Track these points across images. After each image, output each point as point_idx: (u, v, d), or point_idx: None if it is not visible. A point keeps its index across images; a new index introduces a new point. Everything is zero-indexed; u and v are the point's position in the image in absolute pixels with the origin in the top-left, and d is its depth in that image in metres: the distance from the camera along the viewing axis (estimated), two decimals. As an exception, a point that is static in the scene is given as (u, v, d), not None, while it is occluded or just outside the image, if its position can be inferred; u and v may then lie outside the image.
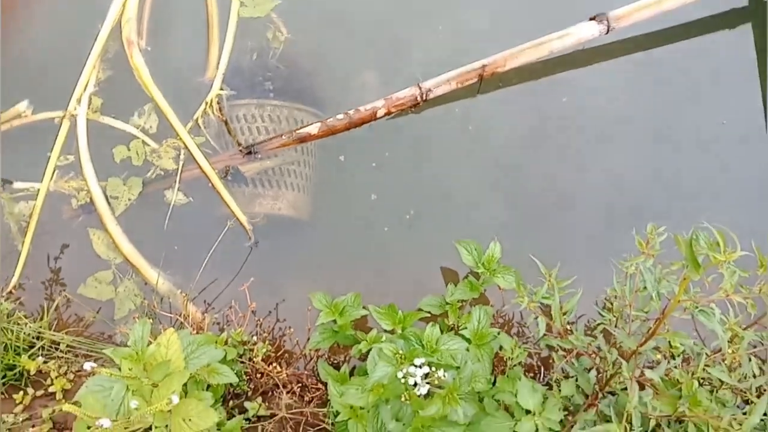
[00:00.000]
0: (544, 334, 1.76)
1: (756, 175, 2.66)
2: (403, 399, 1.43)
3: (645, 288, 1.55)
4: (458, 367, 1.51)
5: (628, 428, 1.36)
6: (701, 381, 1.68)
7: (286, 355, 2.42)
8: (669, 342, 1.64)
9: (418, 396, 1.40)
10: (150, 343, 1.76)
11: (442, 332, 1.75)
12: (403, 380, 1.41)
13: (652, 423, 1.51)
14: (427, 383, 1.39)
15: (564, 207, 2.62)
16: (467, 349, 1.63)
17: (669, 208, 2.58)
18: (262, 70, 2.79)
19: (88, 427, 1.48)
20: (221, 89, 2.71)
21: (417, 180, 2.68)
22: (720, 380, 1.64)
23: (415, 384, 1.39)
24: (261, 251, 2.59)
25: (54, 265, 2.49)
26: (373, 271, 2.62)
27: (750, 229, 1.62)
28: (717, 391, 1.58)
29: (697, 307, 1.27)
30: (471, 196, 2.66)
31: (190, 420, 1.61)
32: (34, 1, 2.83)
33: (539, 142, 2.72)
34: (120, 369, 1.67)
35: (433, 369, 1.41)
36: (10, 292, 2.43)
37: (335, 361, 2.35)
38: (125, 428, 1.58)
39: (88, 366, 1.54)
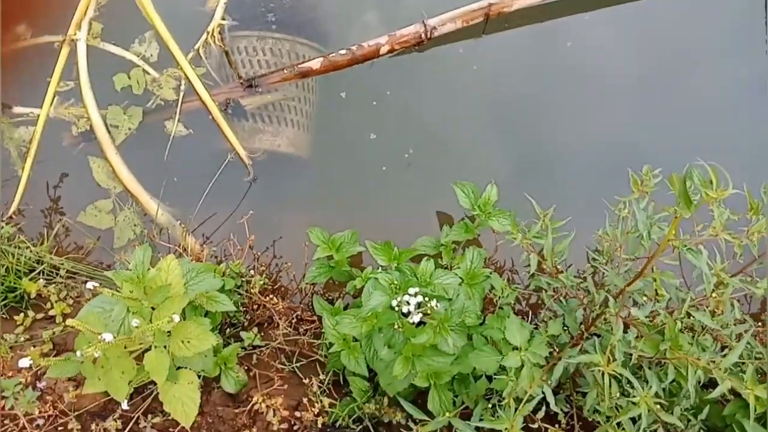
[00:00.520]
0: (535, 273, 1.80)
1: (755, 134, 2.64)
2: (396, 326, 1.47)
3: (636, 230, 1.58)
4: (450, 299, 1.55)
5: (610, 359, 1.42)
6: (683, 328, 1.73)
7: (282, 289, 2.47)
8: (656, 291, 1.68)
9: (411, 324, 1.45)
10: (150, 269, 1.80)
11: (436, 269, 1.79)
12: (397, 308, 1.45)
13: (634, 361, 1.56)
14: (420, 312, 1.43)
15: (563, 155, 2.62)
16: (460, 285, 1.68)
17: (667, 161, 2.57)
18: (265, 1, 2.74)
19: (89, 343, 1.53)
20: (223, 19, 2.66)
21: (417, 120, 2.67)
22: (702, 326, 1.68)
23: (408, 312, 1.43)
24: (260, 187, 2.60)
25: (54, 191, 2.50)
26: (370, 211, 2.64)
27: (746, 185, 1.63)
28: (699, 336, 1.62)
29: (686, 246, 1.30)
30: (471, 138, 2.66)
31: (189, 342, 1.66)
32: None
33: (542, 86, 2.70)
34: (120, 292, 1.71)
35: (426, 299, 1.45)
36: (11, 217, 2.45)
37: (329, 298, 2.40)
38: (125, 347, 1.63)
39: (90, 285, 1.58)
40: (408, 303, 1.44)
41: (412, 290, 1.46)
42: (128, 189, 2.50)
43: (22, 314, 2.11)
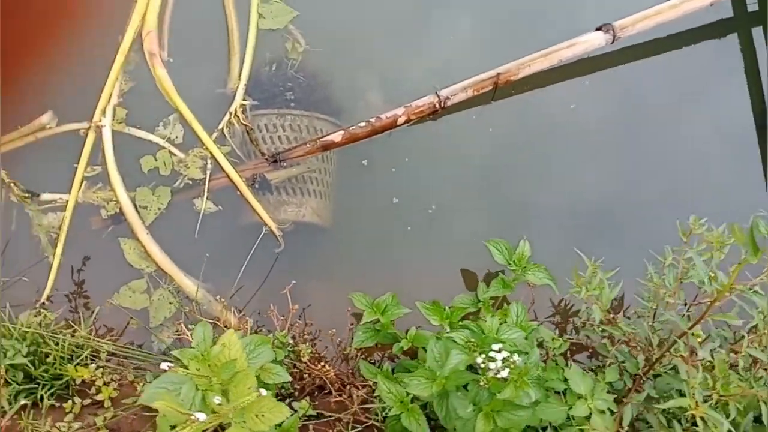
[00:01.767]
0: (586, 323, 1.89)
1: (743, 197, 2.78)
2: (481, 383, 1.52)
3: (687, 277, 1.68)
4: (526, 353, 1.61)
5: (694, 404, 1.48)
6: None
7: (320, 356, 2.47)
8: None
9: (498, 379, 1.50)
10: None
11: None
12: (483, 365, 1.50)
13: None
14: (506, 367, 1.49)
15: (573, 209, 2.74)
16: (525, 338, 1.74)
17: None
18: (282, 81, 2.86)
19: (172, 427, 1.52)
20: (244, 99, 2.76)
21: (436, 183, 2.78)
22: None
23: (495, 368, 1.48)
24: (285, 256, 2.65)
25: (86, 275, 2.50)
26: (395, 273, 2.70)
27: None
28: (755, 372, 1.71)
29: (750, 289, 1.40)
30: (486, 195, 2.78)
31: (263, 415, 1.66)
32: (51, 17, 2.86)
33: (549, 145, 2.85)
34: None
35: (509, 354, 1.51)
36: (43, 303, 2.43)
37: (371, 361, 2.41)
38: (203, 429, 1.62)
39: (165, 366, 1.59)
40: (495, 359, 1.49)
41: (495, 346, 1.52)
42: (161, 268, 2.51)
43: (70, 401, 2.07)
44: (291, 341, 2.27)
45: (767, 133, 2.92)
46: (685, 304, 1.75)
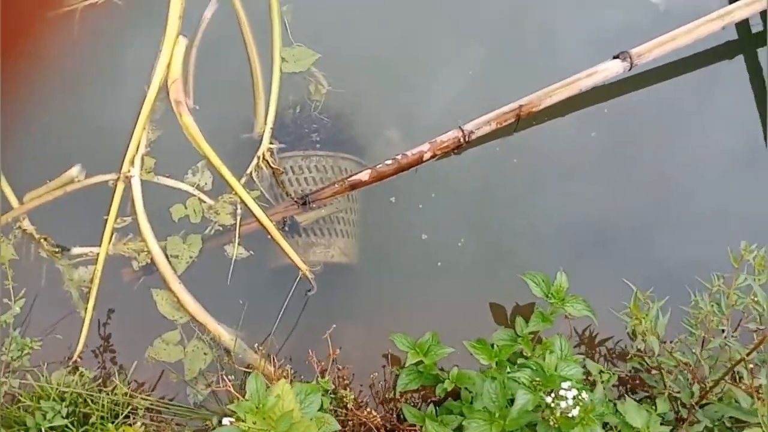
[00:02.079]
0: (636, 355, 1.87)
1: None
2: (551, 423, 1.50)
3: (739, 304, 1.68)
4: (592, 390, 1.59)
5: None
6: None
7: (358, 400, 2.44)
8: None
9: (569, 418, 1.48)
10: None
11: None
12: (553, 404, 1.49)
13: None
14: (577, 406, 1.47)
15: (597, 238, 2.74)
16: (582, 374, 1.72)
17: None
18: (307, 123, 2.87)
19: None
20: (271, 143, 2.78)
21: (465, 217, 2.79)
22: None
23: (566, 407, 1.47)
24: (314, 298, 2.63)
25: (119, 328, 2.48)
26: (427, 310, 2.68)
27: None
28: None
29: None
30: (517, 225, 2.78)
31: (325, 468, 1.64)
32: (77, 70, 2.90)
33: (575, 173, 2.86)
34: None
35: (578, 392, 1.49)
36: (75, 361, 2.40)
37: (410, 403, 2.37)
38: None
39: (226, 421, 1.57)
40: (566, 398, 1.47)
41: (565, 384, 1.50)
42: (195, 318, 2.49)
43: (114, 461, 2.04)
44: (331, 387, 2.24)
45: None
46: (723, 331, 1.74)
